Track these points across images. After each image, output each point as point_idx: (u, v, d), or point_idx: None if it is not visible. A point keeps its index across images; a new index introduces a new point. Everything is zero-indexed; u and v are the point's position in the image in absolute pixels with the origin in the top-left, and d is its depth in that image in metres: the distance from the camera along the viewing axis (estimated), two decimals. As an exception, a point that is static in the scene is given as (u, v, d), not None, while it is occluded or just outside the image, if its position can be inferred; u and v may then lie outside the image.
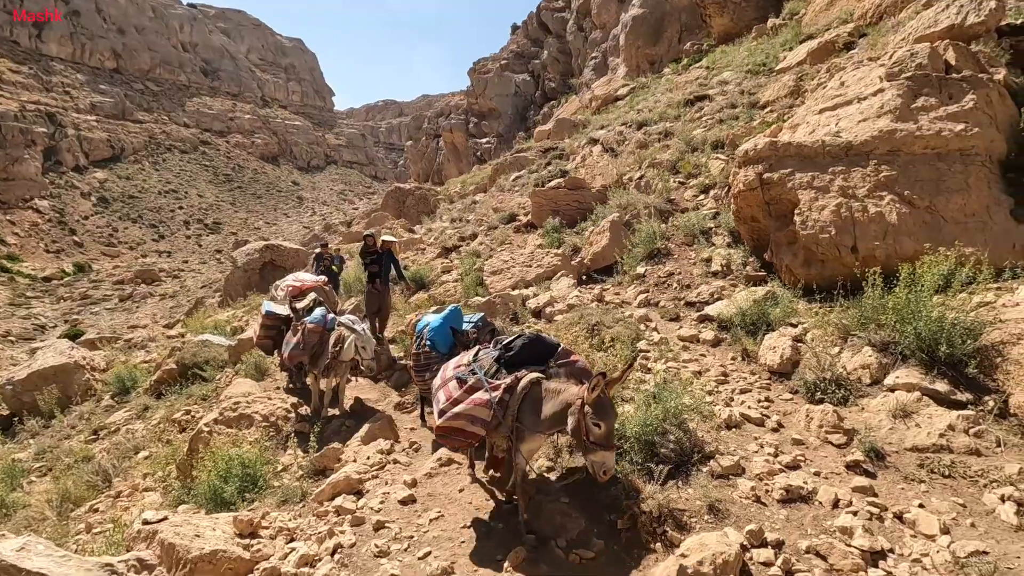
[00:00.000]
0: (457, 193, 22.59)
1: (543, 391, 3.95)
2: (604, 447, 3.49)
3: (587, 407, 3.52)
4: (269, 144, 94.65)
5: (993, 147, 6.29)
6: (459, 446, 4.58)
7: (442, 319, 5.90)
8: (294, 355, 7.20)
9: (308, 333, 7.13)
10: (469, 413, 4.07)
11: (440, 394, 4.41)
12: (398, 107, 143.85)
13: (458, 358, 4.79)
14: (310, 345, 7.08)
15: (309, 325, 7.17)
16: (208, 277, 47.75)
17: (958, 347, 4.66)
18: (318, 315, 7.36)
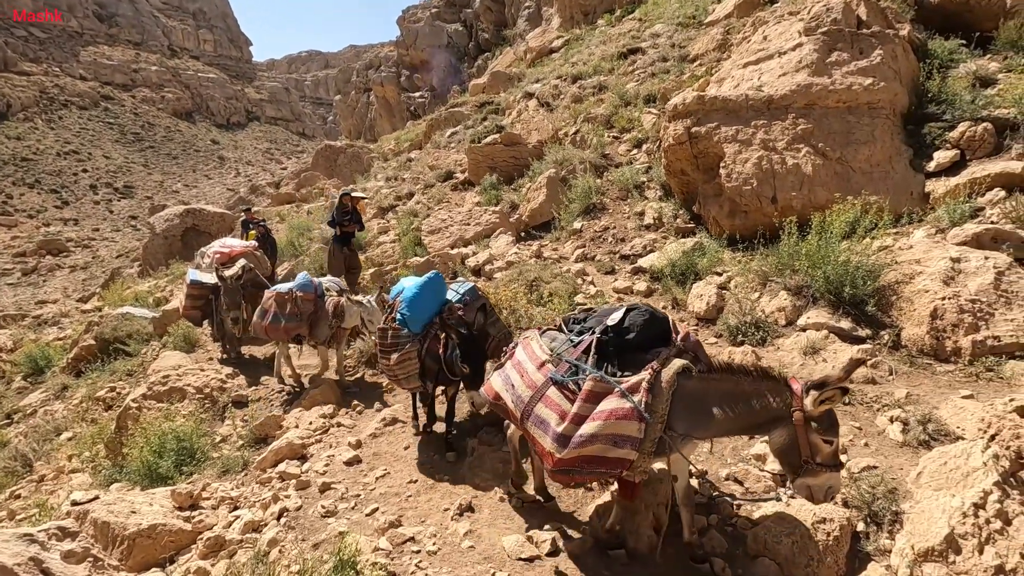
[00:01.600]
0: (391, 150, 21.86)
1: (701, 385, 3.00)
2: (834, 467, 2.73)
3: (811, 420, 2.71)
4: (181, 99, 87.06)
5: (897, 100, 6.74)
6: (593, 480, 3.42)
7: (419, 288, 4.71)
8: (290, 327, 6.58)
9: (301, 302, 6.57)
10: (610, 433, 2.92)
11: (542, 412, 3.18)
12: (324, 58, 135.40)
13: (520, 351, 3.63)
14: (306, 315, 6.58)
15: (299, 294, 6.59)
16: (124, 246, 44.35)
17: (860, 288, 5.10)
18: (305, 281, 6.76)
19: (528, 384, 3.36)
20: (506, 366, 3.66)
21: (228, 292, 7.75)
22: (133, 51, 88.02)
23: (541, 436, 3.15)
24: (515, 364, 3.58)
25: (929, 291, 4.78)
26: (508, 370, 3.60)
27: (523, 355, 3.59)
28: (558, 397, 3.19)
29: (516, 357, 3.63)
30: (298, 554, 3.70)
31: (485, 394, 3.73)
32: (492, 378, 3.70)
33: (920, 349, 4.70)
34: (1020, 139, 6.06)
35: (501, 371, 3.66)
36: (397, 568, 3.49)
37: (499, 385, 3.58)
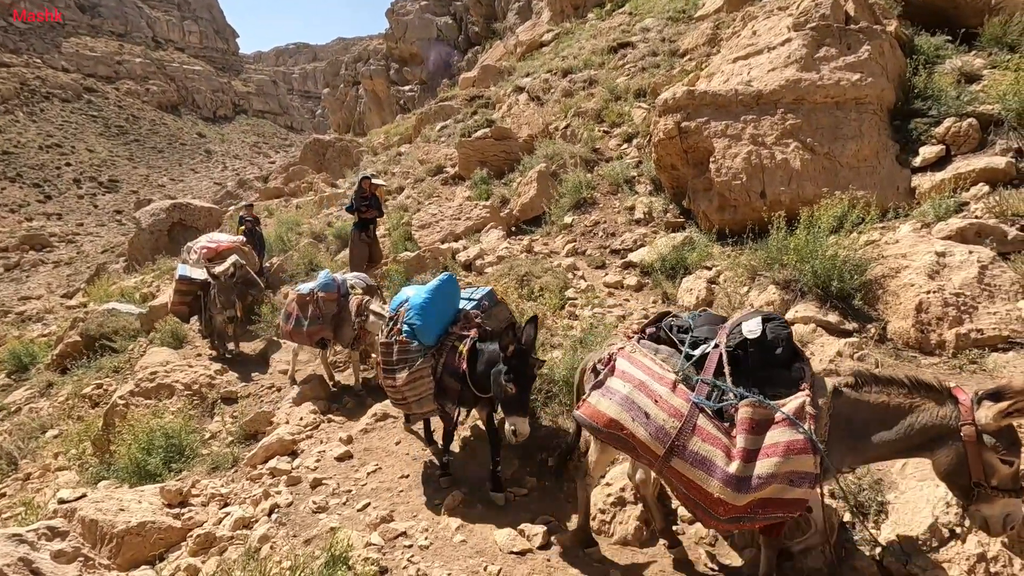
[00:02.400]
0: (381, 144, 21.73)
1: (853, 404, 2.59)
2: (1014, 492, 2.35)
3: (985, 436, 2.34)
4: (167, 92, 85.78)
5: (884, 96, 6.80)
6: (760, 526, 2.71)
7: (430, 293, 4.16)
8: (313, 331, 6.13)
9: (323, 303, 6.13)
10: (788, 471, 2.45)
11: (701, 448, 2.58)
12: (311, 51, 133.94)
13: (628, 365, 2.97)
14: (328, 316, 6.13)
15: (321, 294, 6.14)
16: (109, 241, 43.73)
17: (848, 282, 5.16)
18: (327, 280, 6.28)
19: (669, 411, 2.69)
20: (615, 385, 2.91)
21: (223, 290, 7.48)
22: (116, 42, 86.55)
23: (703, 479, 2.52)
24: (635, 383, 2.85)
25: (914, 285, 4.84)
26: (624, 390, 2.85)
27: (638, 371, 2.90)
28: (712, 428, 2.60)
29: (628, 373, 2.91)
30: (289, 550, 3.69)
31: (591, 420, 2.89)
32: (596, 400, 2.93)
33: (905, 342, 4.77)
34: (1004, 135, 6.14)
35: (607, 391, 2.92)
36: (389, 563, 3.49)
37: (616, 410, 2.81)
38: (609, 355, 3.13)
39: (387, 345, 4.34)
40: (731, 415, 2.60)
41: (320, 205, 14.94)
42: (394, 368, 4.22)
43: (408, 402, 4.21)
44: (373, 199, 8.48)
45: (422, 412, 4.28)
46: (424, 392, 4.08)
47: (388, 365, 4.31)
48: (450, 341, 4.07)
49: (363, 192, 8.41)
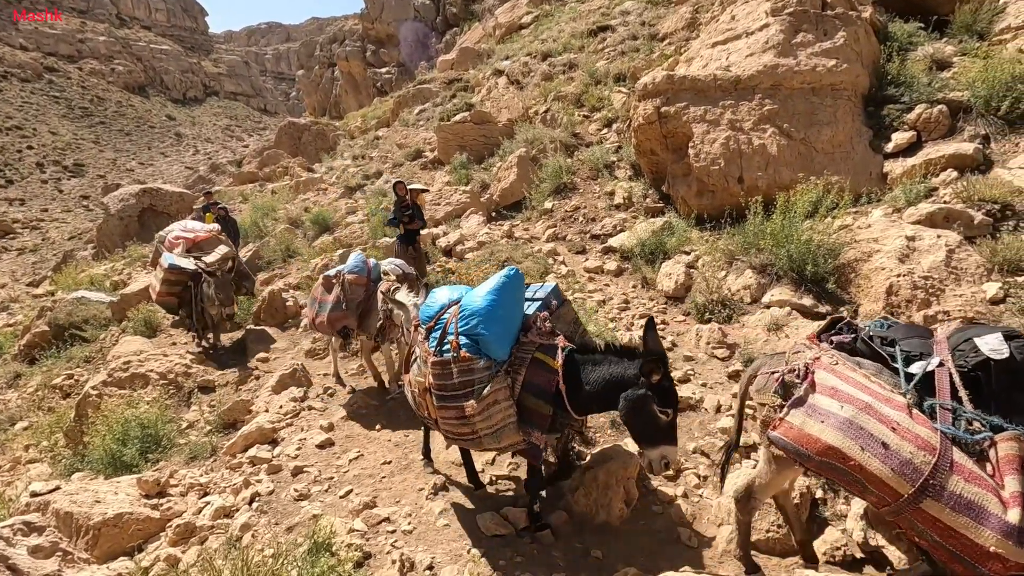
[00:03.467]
0: (358, 128, 21.35)
1: None
2: None
3: None
4: (133, 72, 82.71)
5: (858, 82, 6.89)
6: None
7: (496, 295, 3.32)
8: (335, 318, 5.56)
9: (350, 287, 5.54)
10: None
11: (965, 489, 2.14)
12: (285, 31, 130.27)
13: (837, 381, 2.52)
14: (354, 303, 5.53)
15: (349, 276, 5.58)
16: (76, 227, 42.36)
17: (821, 266, 5.28)
18: (358, 261, 5.70)
19: (915, 442, 2.23)
20: (825, 404, 2.46)
21: (222, 286, 7.13)
22: (78, 20, 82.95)
23: (970, 527, 2.10)
24: (858, 405, 2.38)
25: (885, 268, 4.97)
26: (844, 412, 2.38)
27: (855, 390, 2.44)
28: (972, 465, 2.19)
29: (843, 392, 2.45)
30: (271, 538, 3.68)
31: (799, 445, 2.44)
32: (802, 421, 2.48)
33: (876, 324, 4.90)
34: (972, 121, 6.29)
35: (815, 411, 2.47)
36: (373, 548, 3.51)
37: (837, 436, 2.35)
38: (805, 366, 2.62)
39: (442, 364, 3.29)
40: (982, 449, 2.20)
41: (296, 190, 14.66)
42: (456, 394, 3.25)
43: (479, 436, 3.23)
44: (415, 208, 7.58)
45: (499, 447, 3.31)
46: (503, 422, 3.18)
47: (445, 391, 3.30)
48: (527, 353, 3.24)
49: (403, 201, 7.49)
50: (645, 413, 2.90)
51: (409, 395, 3.86)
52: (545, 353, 3.23)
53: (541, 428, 3.20)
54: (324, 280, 5.87)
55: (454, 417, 3.30)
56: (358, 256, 5.83)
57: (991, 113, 6.16)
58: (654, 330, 3.04)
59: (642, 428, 2.94)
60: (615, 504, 3.57)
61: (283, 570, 2.94)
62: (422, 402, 3.60)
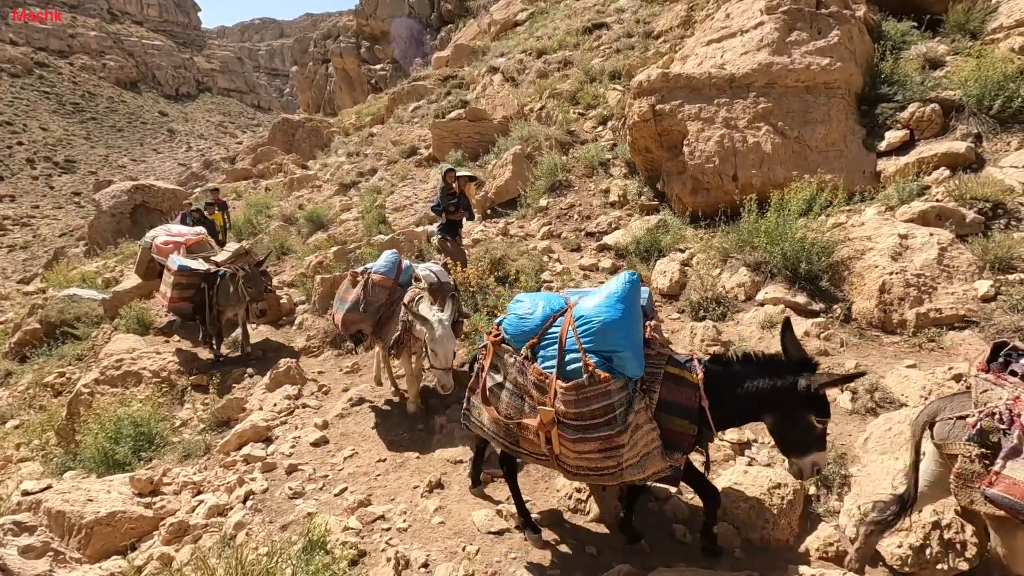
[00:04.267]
0: (352, 125, 21.27)
1: None
2: None
3: None
4: (125, 67, 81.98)
5: (852, 81, 6.92)
6: None
7: (624, 303, 2.90)
8: (350, 320, 5.04)
9: (372, 288, 5.02)
10: None
11: None
12: (278, 27, 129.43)
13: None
14: (374, 306, 4.99)
15: (375, 276, 5.03)
16: (67, 224, 42.05)
17: (815, 264, 5.30)
18: (389, 261, 5.14)
19: None
20: None
21: (251, 279, 6.53)
22: (69, 14, 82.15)
23: None
24: None
25: (878, 266, 5.00)
26: None
27: None
28: None
29: None
30: (266, 536, 3.67)
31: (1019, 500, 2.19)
32: None
33: (869, 322, 4.94)
34: (964, 120, 6.33)
35: None
36: (367, 546, 3.50)
37: None
38: (1008, 408, 2.34)
39: (576, 389, 2.76)
40: None
41: (290, 187, 14.59)
42: (596, 423, 2.76)
43: (622, 468, 2.79)
44: (461, 197, 7.09)
45: (643, 477, 2.86)
46: (647, 447, 2.81)
47: (582, 419, 2.77)
48: (657, 368, 2.89)
49: (449, 189, 7.01)
50: (802, 424, 2.74)
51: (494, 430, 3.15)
52: (678, 366, 2.91)
53: (685, 450, 2.87)
54: (351, 275, 5.35)
55: (596, 450, 2.77)
56: (390, 256, 5.23)
57: (983, 112, 6.20)
58: (792, 332, 2.86)
59: (796, 439, 2.78)
60: (610, 501, 3.57)
61: (277, 568, 2.93)
62: (534, 438, 2.91)
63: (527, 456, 3.11)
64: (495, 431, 3.16)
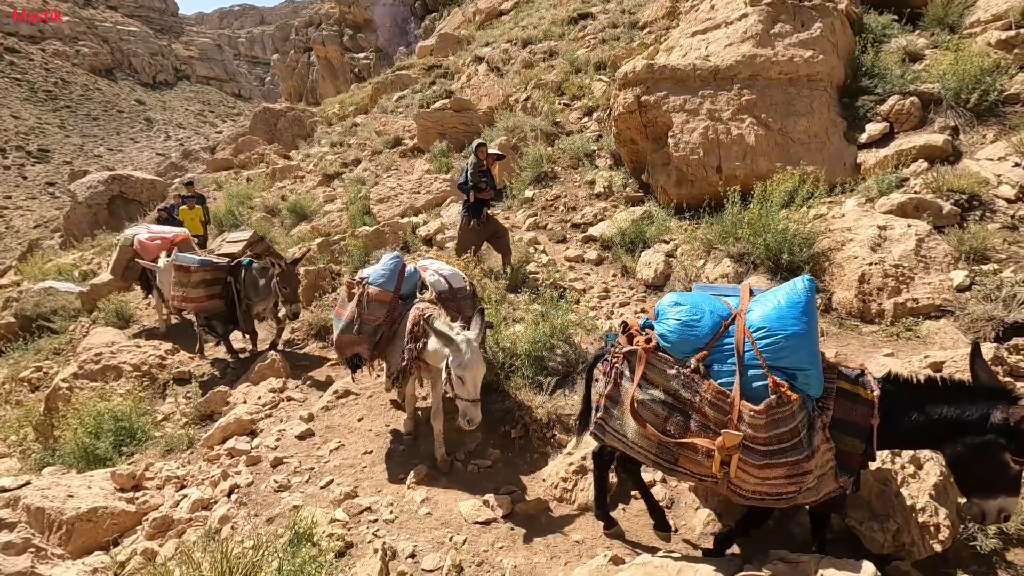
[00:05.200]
0: (336, 115, 20.98)
1: None
2: None
3: None
4: (100, 54, 79.82)
5: (834, 73, 6.99)
6: None
7: (806, 313, 2.65)
8: (344, 342, 4.36)
9: (369, 303, 4.23)
10: None
11: None
12: (259, 13, 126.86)
13: None
14: (371, 326, 4.25)
15: (371, 289, 4.26)
16: (42, 215, 41.07)
17: (797, 254, 5.38)
18: (387, 268, 4.34)
19: None
20: None
21: (287, 278, 6.05)
22: (40, -1, 79.60)
23: None
24: None
25: (858, 257, 5.09)
26: None
27: None
28: None
29: None
30: (251, 530, 3.65)
31: None
32: None
33: (849, 311, 5.03)
34: (942, 113, 6.44)
35: None
36: (355, 537, 3.51)
37: None
38: None
39: (768, 410, 2.51)
40: None
41: (272, 178, 14.38)
42: (784, 447, 2.52)
43: (800, 493, 2.57)
44: (490, 175, 6.70)
45: (816, 500, 2.64)
46: (824, 469, 2.59)
47: (771, 443, 2.52)
48: (830, 383, 2.65)
49: (481, 166, 6.60)
50: (991, 462, 2.41)
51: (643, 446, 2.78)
52: (850, 382, 2.66)
53: (853, 472, 2.63)
54: (347, 285, 4.58)
55: (782, 476, 2.53)
56: (390, 261, 4.40)
57: (960, 105, 6.32)
58: (982, 357, 2.56)
59: (981, 477, 2.44)
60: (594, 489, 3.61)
61: (264, 561, 2.92)
62: (703, 459, 2.62)
63: (685, 476, 2.80)
64: (644, 447, 2.80)
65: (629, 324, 3.00)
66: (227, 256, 6.58)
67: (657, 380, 2.77)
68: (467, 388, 3.53)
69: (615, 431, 2.90)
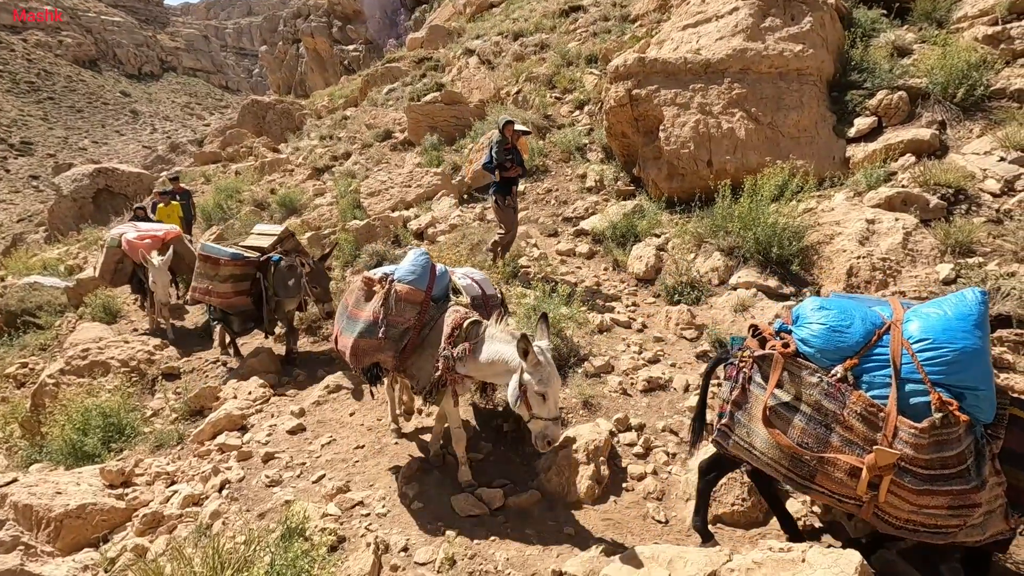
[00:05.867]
0: (325, 107, 20.80)
1: None
2: None
3: None
4: (83, 45, 78.39)
5: (824, 67, 7.03)
6: None
7: (980, 327, 2.41)
8: (363, 348, 3.73)
9: (398, 303, 3.68)
10: None
11: None
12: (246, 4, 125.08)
13: None
14: (396, 330, 3.68)
15: (400, 287, 3.71)
16: (25, 209, 40.41)
17: (786, 248, 5.42)
18: (418, 264, 3.82)
19: None
20: None
21: (317, 276, 5.69)
22: (21, -13, 77.96)
23: None
24: None
25: (846, 251, 5.13)
26: None
27: None
28: None
29: None
30: (243, 525, 3.64)
31: None
32: None
33: (837, 304, 5.08)
34: (930, 108, 6.50)
35: None
36: (347, 532, 3.51)
37: None
38: None
39: (931, 430, 2.28)
40: None
41: (261, 171, 14.24)
42: (946, 473, 2.31)
43: (961, 529, 2.37)
44: (516, 152, 6.46)
45: (980, 540, 2.41)
46: (992, 506, 2.39)
47: (933, 468, 2.32)
48: (1001, 408, 2.45)
49: (506, 144, 6.37)
50: None
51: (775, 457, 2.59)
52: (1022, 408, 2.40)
53: (1022, 508, 2.37)
54: (364, 281, 4.00)
55: (944, 506, 2.30)
56: (420, 257, 3.87)
57: (948, 100, 6.37)
58: None
59: None
60: (586, 483, 3.64)
61: (256, 556, 2.92)
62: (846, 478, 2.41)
63: (821, 495, 2.54)
64: (774, 458, 2.57)
65: (760, 328, 2.80)
66: (256, 250, 6.16)
67: (794, 388, 2.57)
68: (548, 406, 3.08)
69: (740, 439, 2.71)
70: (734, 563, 2.46)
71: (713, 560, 2.52)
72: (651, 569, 2.60)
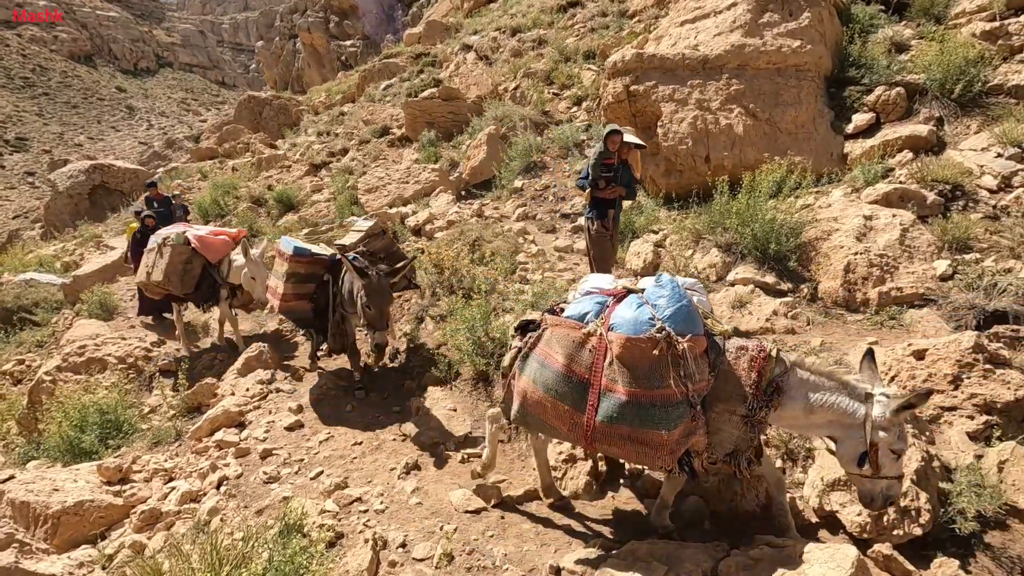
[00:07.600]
0: (322, 103, 20.72)
1: None
2: None
3: None
4: (79, 40, 77.87)
5: (821, 63, 7.01)
6: None
7: None
8: (677, 441, 2.61)
9: (696, 363, 2.66)
10: None
11: None
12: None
13: None
14: (700, 398, 2.69)
15: (685, 342, 2.66)
16: (21, 205, 40.25)
17: (784, 244, 5.42)
18: (675, 297, 2.80)
19: None
20: None
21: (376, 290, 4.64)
22: (15, -18, 77.35)
23: None
24: None
25: (844, 247, 5.14)
26: None
27: None
28: None
29: None
30: (241, 521, 3.64)
31: None
32: None
33: (834, 301, 5.08)
34: (927, 104, 6.49)
35: None
36: (345, 528, 3.51)
37: None
38: None
39: None
40: None
41: (258, 167, 14.19)
42: None
43: None
44: (623, 170, 5.32)
45: None
46: None
47: None
48: None
49: (607, 158, 5.22)
50: None
51: None
52: None
53: None
54: (570, 329, 2.97)
55: None
56: (670, 282, 2.90)
57: (945, 96, 6.37)
58: None
59: None
60: (583, 478, 3.65)
61: (254, 552, 2.92)
62: None
63: None
64: None
65: None
66: (341, 248, 5.16)
67: None
68: (900, 464, 2.63)
69: None
70: (732, 559, 2.47)
71: (711, 555, 2.53)
72: (649, 565, 2.61)
